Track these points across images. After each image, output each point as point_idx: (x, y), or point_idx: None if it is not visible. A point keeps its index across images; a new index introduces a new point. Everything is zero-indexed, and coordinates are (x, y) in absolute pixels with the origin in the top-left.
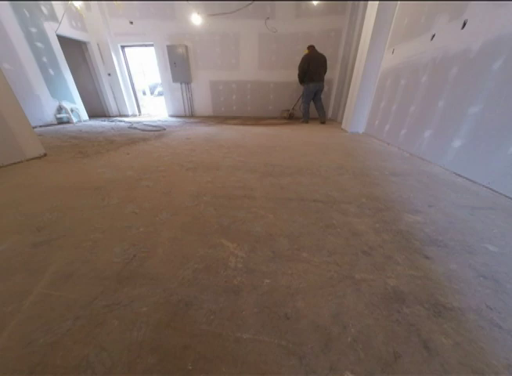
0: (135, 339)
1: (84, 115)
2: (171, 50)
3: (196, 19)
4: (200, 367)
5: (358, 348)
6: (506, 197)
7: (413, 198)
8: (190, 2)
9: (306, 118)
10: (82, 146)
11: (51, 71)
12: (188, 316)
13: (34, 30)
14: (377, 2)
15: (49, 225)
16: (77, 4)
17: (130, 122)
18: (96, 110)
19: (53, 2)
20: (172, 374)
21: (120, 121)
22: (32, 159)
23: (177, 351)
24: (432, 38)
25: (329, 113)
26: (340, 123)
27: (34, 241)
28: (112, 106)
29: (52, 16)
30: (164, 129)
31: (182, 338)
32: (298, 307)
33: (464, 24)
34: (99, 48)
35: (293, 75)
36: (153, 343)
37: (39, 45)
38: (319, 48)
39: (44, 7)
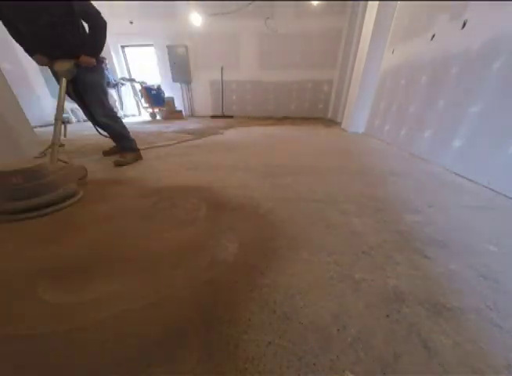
0: None
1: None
2: (171, 50)
3: (196, 19)
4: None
5: (358, 348)
6: (506, 196)
7: (413, 198)
8: (190, 2)
9: None
10: (82, 145)
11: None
12: None
13: None
14: (377, 2)
15: None
16: None
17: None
18: None
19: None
20: None
21: None
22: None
23: None
24: (432, 38)
25: (329, 113)
26: (340, 123)
27: None
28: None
29: None
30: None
31: None
32: (298, 307)
33: (464, 24)
34: None
35: (293, 75)
36: None
37: None
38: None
39: None
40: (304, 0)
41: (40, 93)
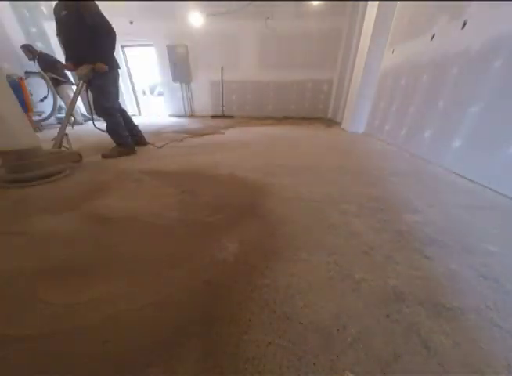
0: None
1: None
2: (171, 50)
3: (196, 18)
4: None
5: (358, 348)
6: (506, 196)
7: (413, 198)
8: (190, 2)
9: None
10: (81, 145)
11: None
12: None
13: (34, 30)
14: (377, 2)
15: None
16: None
17: None
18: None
19: (53, 2)
20: None
21: None
22: None
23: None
24: (432, 38)
25: (329, 113)
26: (340, 123)
27: None
28: None
29: (52, 16)
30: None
31: None
32: (298, 307)
33: (464, 24)
34: None
35: (293, 75)
36: None
37: (39, 44)
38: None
39: (44, 7)
40: (304, 0)
41: (39, 93)
